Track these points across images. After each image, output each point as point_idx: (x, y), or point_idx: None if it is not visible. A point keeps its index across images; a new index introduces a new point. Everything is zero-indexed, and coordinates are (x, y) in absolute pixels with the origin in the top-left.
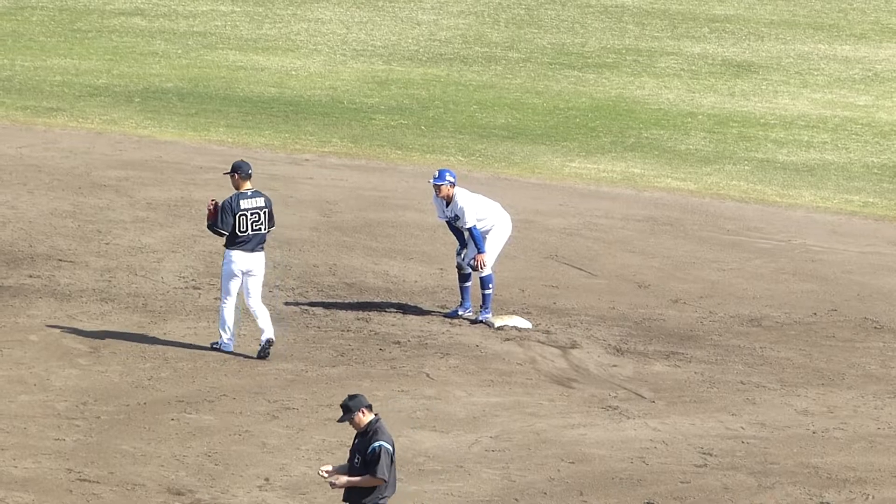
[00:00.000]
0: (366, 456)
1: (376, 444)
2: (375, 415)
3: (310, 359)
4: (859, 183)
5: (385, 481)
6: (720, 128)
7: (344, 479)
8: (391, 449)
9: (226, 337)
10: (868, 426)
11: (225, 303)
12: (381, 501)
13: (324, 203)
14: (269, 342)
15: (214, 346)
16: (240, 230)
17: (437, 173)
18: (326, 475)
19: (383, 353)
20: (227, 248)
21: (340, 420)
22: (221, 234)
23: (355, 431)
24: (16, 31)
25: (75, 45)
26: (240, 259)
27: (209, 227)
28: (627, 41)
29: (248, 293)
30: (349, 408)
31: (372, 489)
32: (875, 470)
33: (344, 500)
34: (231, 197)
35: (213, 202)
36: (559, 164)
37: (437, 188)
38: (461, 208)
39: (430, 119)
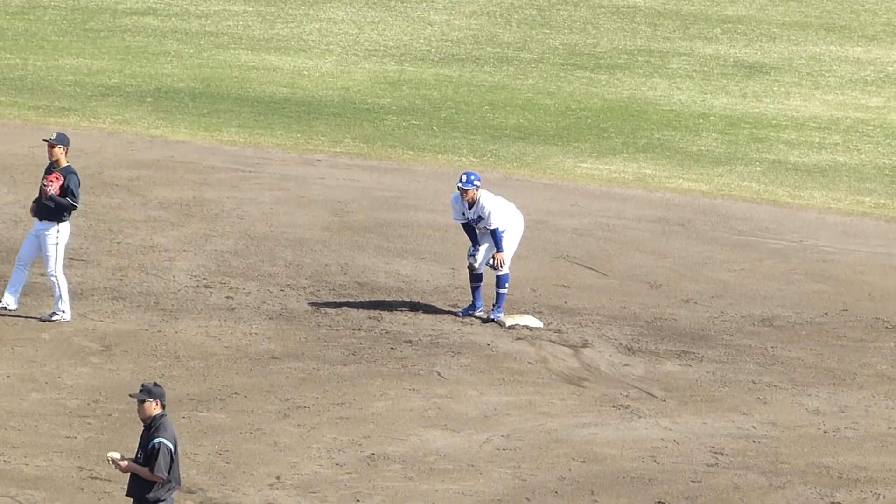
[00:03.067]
0: (146, 451)
1: (156, 440)
2: (164, 411)
3: (321, 357)
4: (871, 184)
5: (162, 479)
6: (732, 129)
7: (125, 463)
8: (172, 447)
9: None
10: (879, 426)
11: (62, 275)
12: (165, 497)
13: (335, 203)
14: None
15: (51, 317)
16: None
17: (464, 177)
18: (112, 460)
19: (395, 352)
20: (63, 221)
21: (133, 395)
22: (73, 208)
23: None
24: (28, 31)
25: (87, 44)
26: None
27: (55, 200)
28: (639, 42)
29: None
30: (150, 392)
31: (156, 485)
32: (886, 470)
33: (127, 494)
34: (76, 171)
35: (56, 176)
36: (571, 165)
37: (464, 192)
38: (488, 211)
39: (442, 119)
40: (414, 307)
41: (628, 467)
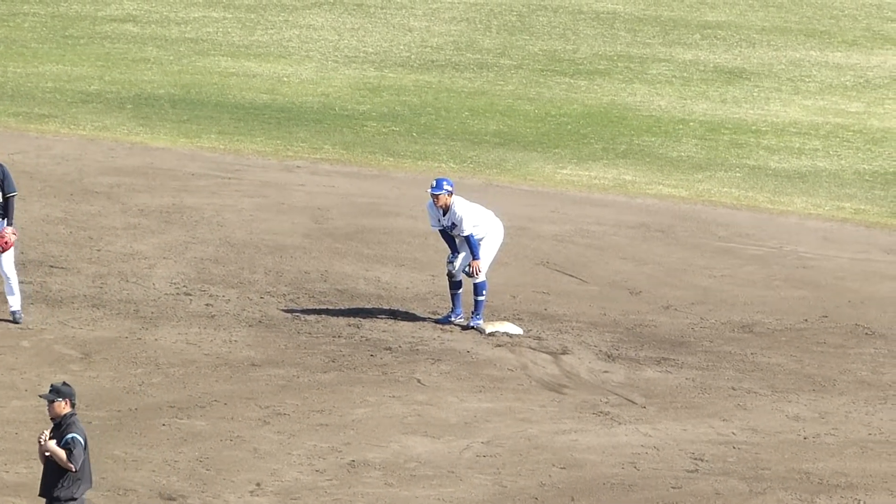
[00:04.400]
0: (60, 447)
1: (69, 435)
2: (73, 410)
3: (301, 364)
4: (851, 190)
5: (75, 469)
6: (712, 135)
7: (52, 444)
8: (83, 442)
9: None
10: (859, 432)
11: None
12: (78, 497)
13: (316, 210)
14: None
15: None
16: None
17: (434, 182)
18: (40, 440)
19: (375, 359)
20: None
21: (43, 396)
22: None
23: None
24: (7, 38)
25: (67, 51)
26: None
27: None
28: (619, 48)
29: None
30: (59, 391)
31: (66, 482)
32: (866, 475)
33: (40, 494)
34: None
35: None
36: (551, 171)
37: (436, 197)
38: (459, 217)
39: (422, 126)
40: (394, 314)
41: (609, 473)
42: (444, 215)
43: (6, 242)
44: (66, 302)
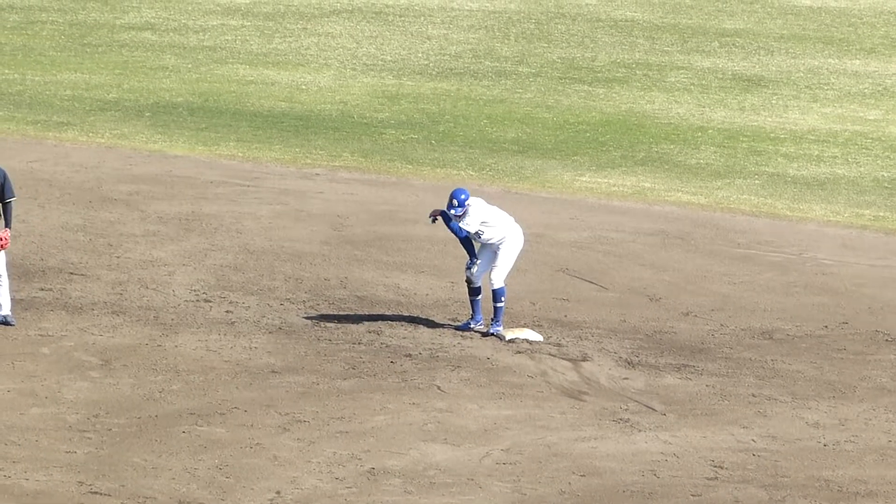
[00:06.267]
0: None
1: None
2: None
3: (321, 371)
4: (870, 197)
5: None
6: (730, 142)
7: None
8: None
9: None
10: (879, 439)
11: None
12: None
13: (334, 217)
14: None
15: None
16: None
17: (455, 202)
18: None
19: (394, 366)
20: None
21: None
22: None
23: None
24: (26, 46)
25: (85, 59)
26: None
27: None
28: (637, 55)
29: None
30: None
31: None
32: (886, 483)
33: None
34: None
35: None
36: (569, 179)
37: (462, 214)
38: (468, 213)
39: (441, 133)
40: (413, 321)
41: (628, 481)
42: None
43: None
44: (86, 309)
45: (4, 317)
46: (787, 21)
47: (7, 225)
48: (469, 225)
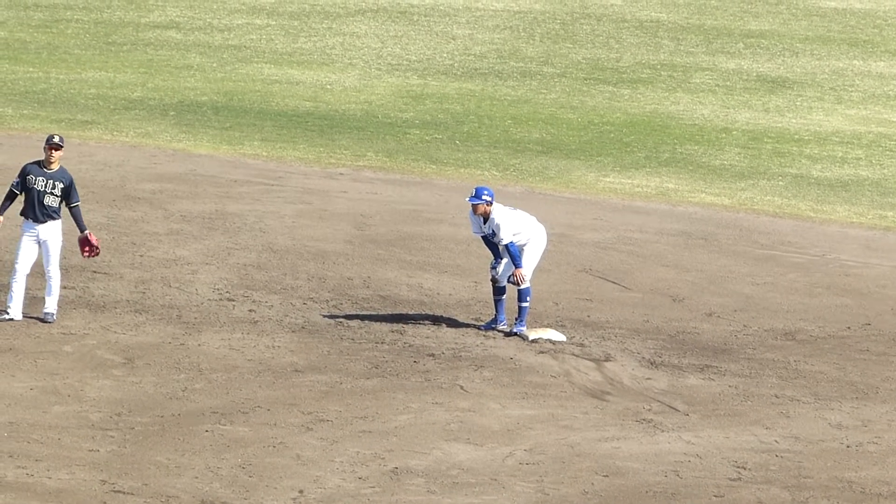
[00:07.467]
0: None
1: None
2: None
3: (344, 370)
4: (893, 198)
5: None
6: (755, 143)
7: None
8: None
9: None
10: None
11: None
12: None
13: (358, 216)
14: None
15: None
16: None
17: (473, 191)
18: None
19: (418, 366)
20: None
21: None
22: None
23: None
24: (51, 44)
25: (110, 58)
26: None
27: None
28: (662, 56)
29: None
30: None
31: None
32: None
33: None
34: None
35: None
36: (593, 179)
37: (474, 207)
38: (497, 225)
39: (465, 133)
40: (436, 320)
41: (651, 481)
42: (484, 223)
43: (96, 248)
44: (109, 307)
45: (46, 313)
46: (812, 22)
47: (81, 228)
48: (506, 237)
